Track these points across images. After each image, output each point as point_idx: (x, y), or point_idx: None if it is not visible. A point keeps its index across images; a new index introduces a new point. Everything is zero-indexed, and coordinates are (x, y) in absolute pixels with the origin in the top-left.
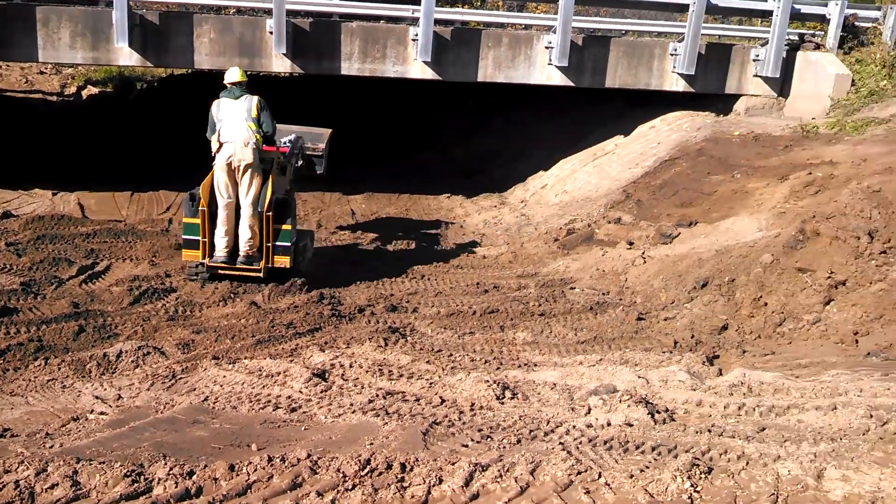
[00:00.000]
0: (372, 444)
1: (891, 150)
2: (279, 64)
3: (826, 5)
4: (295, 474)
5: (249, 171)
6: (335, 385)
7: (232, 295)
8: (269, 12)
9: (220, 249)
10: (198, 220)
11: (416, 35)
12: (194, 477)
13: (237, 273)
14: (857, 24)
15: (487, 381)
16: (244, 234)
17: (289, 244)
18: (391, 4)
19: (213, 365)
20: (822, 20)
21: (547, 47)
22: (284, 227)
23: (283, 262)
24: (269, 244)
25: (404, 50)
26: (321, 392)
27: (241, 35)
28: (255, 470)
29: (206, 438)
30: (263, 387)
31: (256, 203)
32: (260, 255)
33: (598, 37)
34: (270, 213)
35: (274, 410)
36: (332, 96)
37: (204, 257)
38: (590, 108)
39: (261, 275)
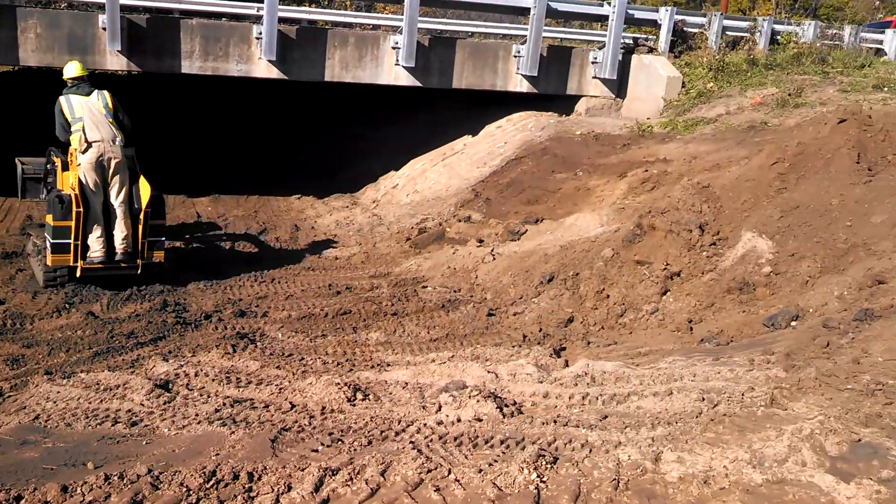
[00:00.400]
0: (218, 454)
1: (718, 147)
2: (114, 62)
3: (657, 11)
4: (135, 492)
5: (121, 169)
6: (179, 395)
7: (67, 305)
8: (102, 7)
9: (97, 250)
10: (70, 223)
11: (260, 33)
12: (22, 502)
13: (109, 273)
14: (685, 29)
15: (339, 383)
16: (120, 232)
17: (164, 239)
18: (234, 2)
19: (45, 380)
20: (655, 25)
21: (394, 48)
22: (159, 222)
23: (159, 256)
24: (146, 240)
25: (248, 48)
26: (164, 404)
27: (72, 30)
28: (91, 490)
29: (36, 459)
30: (101, 401)
31: (129, 201)
32: (135, 252)
33: (445, 38)
34: (150, 210)
35: (113, 426)
36: (176, 96)
37: (75, 261)
38: (440, 109)
39: (138, 272)
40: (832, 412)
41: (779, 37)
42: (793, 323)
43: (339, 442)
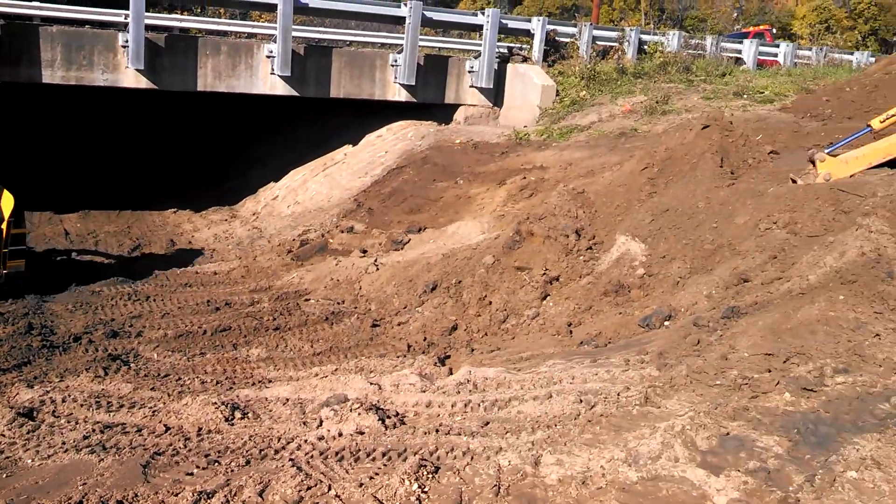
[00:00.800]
0: (85, 483)
1: (592, 154)
2: None
3: (530, 21)
4: None
5: None
6: (45, 423)
7: None
8: None
9: None
10: None
11: (127, 41)
12: None
13: None
14: (558, 38)
15: (216, 403)
16: None
17: (25, 247)
18: (98, 8)
19: None
20: (528, 34)
21: (269, 56)
22: (21, 230)
23: (19, 264)
24: (6, 249)
25: (115, 57)
26: (28, 433)
27: None
28: None
29: None
30: None
31: None
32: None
33: (321, 47)
34: (13, 219)
35: None
36: (41, 107)
37: None
38: (320, 118)
39: (1, 281)
40: (702, 408)
41: (646, 46)
42: (666, 322)
43: (216, 463)
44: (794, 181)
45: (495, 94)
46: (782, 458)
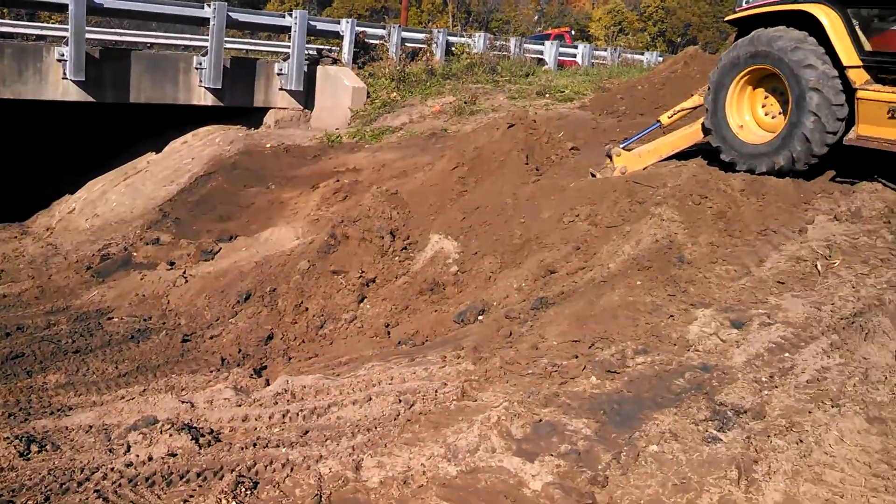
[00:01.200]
0: None
1: (404, 155)
2: None
3: (339, 23)
4: None
5: None
6: None
7: None
8: None
9: None
10: None
11: None
12: None
13: None
14: (367, 40)
15: (8, 437)
16: None
17: None
18: None
19: None
20: (337, 36)
21: (60, 60)
22: None
23: None
24: None
25: None
26: None
27: None
28: None
29: None
30: None
31: None
32: None
33: (119, 49)
34: None
35: None
36: None
37: None
38: (119, 125)
39: None
40: (516, 397)
41: (454, 48)
42: (479, 317)
43: None
44: (593, 175)
45: (306, 97)
46: (591, 439)
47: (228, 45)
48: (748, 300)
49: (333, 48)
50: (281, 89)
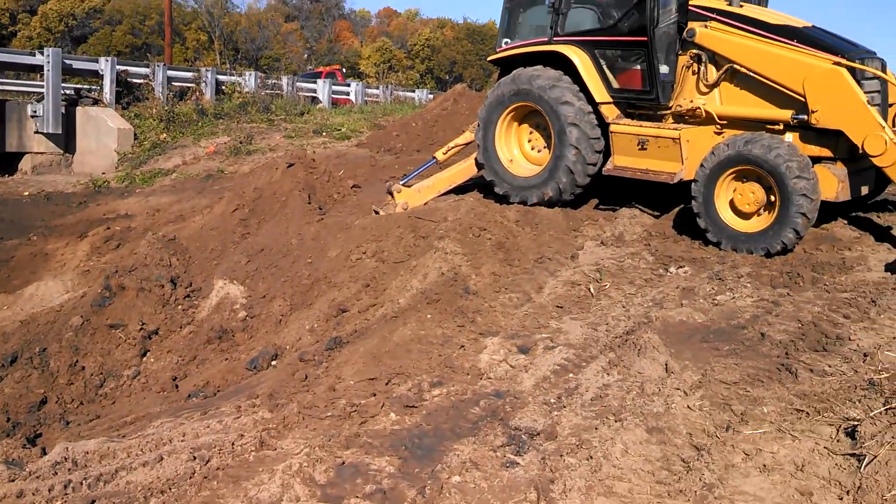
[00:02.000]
0: None
1: (180, 198)
2: None
3: (97, 61)
4: None
5: None
6: None
7: None
8: None
9: None
10: None
11: None
12: None
13: None
14: (130, 79)
15: None
16: None
17: None
18: None
19: None
20: (97, 75)
21: None
22: None
23: None
24: None
25: None
26: None
27: None
28: None
29: None
30: None
31: None
32: None
33: None
34: None
35: None
36: None
37: None
38: None
39: None
40: (316, 442)
41: (224, 87)
42: (273, 362)
43: None
44: (376, 212)
45: (66, 140)
46: (395, 476)
47: None
48: (531, 325)
49: (94, 87)
50: (37, 132)
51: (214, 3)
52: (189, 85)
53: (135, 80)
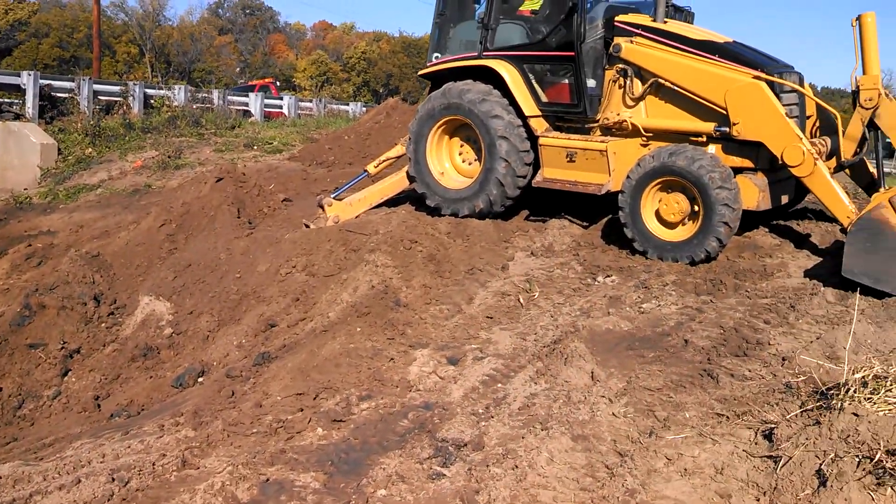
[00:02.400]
0: None
1: (105, 214)
2: None
3: (20, 75)
4: None
5: None
6: None
7: None
8: None
9: None
10: None
11: None
12: None
13: None
14: (54, 94)
15: None
16: None
17: None
18: None
19: None
20: (19, 90)
21: None
22: None
23: None
24: None
25: None
26: None
27: None
28: None
29: None
30: None
31: None
32: None
33: None
34: None
35: None
36: None
37: None
38: None
39: None
40: (240, 459)
41: (153, 100)
42: (199, 379)
43: None
44: (307, 226)
45: None
46: (320, 492)
47: None
48: (462, 336)
49: (16, 102)
50: None
51: (146, 16)
52: (116, 99)
53: (59, 95)
